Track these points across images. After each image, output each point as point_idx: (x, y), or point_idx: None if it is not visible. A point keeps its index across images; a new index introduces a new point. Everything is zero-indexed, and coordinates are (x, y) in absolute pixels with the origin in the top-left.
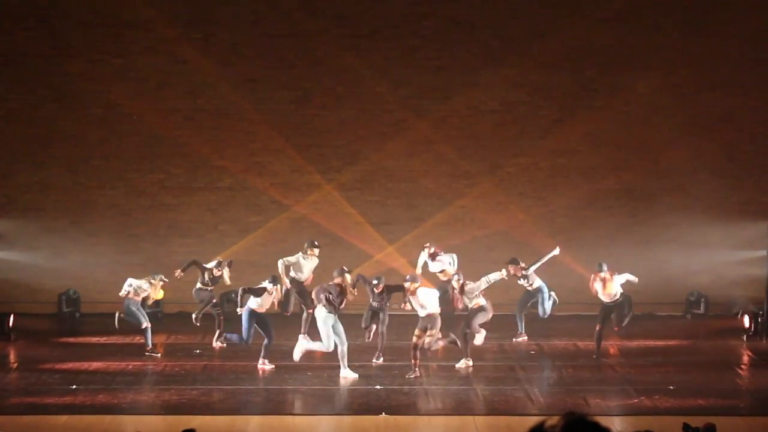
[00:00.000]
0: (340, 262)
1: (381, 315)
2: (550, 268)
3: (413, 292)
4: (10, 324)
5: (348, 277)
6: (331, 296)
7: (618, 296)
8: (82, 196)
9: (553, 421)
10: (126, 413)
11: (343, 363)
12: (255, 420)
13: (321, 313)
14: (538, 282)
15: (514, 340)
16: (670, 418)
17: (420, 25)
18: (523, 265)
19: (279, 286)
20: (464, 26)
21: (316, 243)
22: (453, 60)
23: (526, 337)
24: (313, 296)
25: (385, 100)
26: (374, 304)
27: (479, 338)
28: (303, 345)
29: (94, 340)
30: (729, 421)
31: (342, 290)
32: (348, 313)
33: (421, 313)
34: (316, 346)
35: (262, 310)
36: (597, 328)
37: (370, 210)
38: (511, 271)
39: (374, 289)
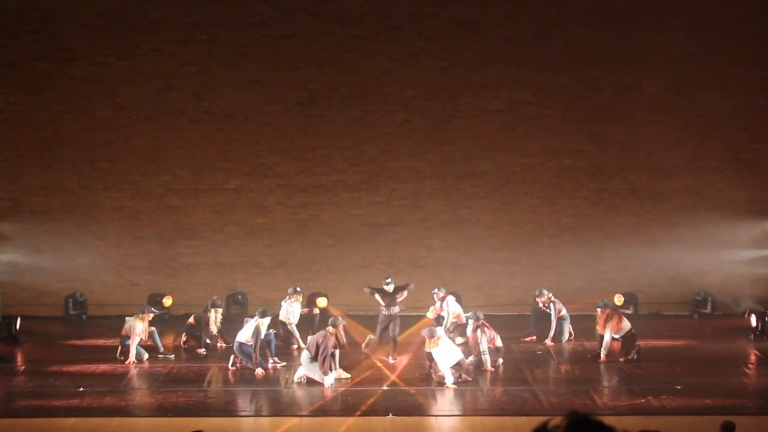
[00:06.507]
0: (346, 263)
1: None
2: (555, 269)
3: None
4: (17, 327)
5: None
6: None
7: (628, 330)
8: (88, 199)
9: (556, 420)
10: (133, 415)
11: (335, 365)
12: (262, 421)
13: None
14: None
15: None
16: (678, 417)
17: (425, 26)
18: (549, 295)
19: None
20: (469, 27)
21: (298, 289)
22: (458, 60)
23: (534, 337)
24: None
25: (390, 101)
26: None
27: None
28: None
29: (101, 342)
30: (737, 421)
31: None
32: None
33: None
34: (317, 377)
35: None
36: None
37: (376, 211)
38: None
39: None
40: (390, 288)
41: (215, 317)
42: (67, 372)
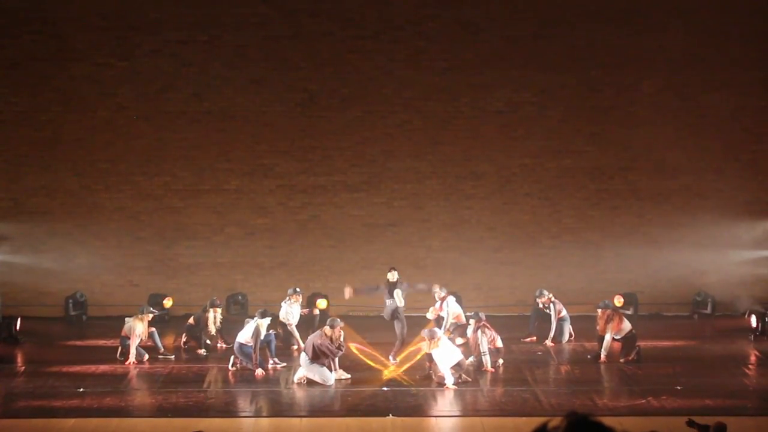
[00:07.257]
0: (346, 264)
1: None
2: (556, 269)
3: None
4: (18, 327)
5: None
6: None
7: (629, 331)
8: (88, 199)
9: (556, 421)
10: (133, 416)
11: (335, 365)
12: (263, 422)
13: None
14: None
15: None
16: (678, 418)
17: (425, 26)
18: (549, 296)
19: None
20: (469, 27)
21: (298, 289)
22: (458, 61)
23: (534, 338)
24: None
25: (390, 101)
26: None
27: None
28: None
29: (101, 342)
30: (737, 421)
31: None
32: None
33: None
34: (317, 377)
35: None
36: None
37: (377, 211)
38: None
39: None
40: (393, 277)
41: (214, 317)
42: (68, 372)
